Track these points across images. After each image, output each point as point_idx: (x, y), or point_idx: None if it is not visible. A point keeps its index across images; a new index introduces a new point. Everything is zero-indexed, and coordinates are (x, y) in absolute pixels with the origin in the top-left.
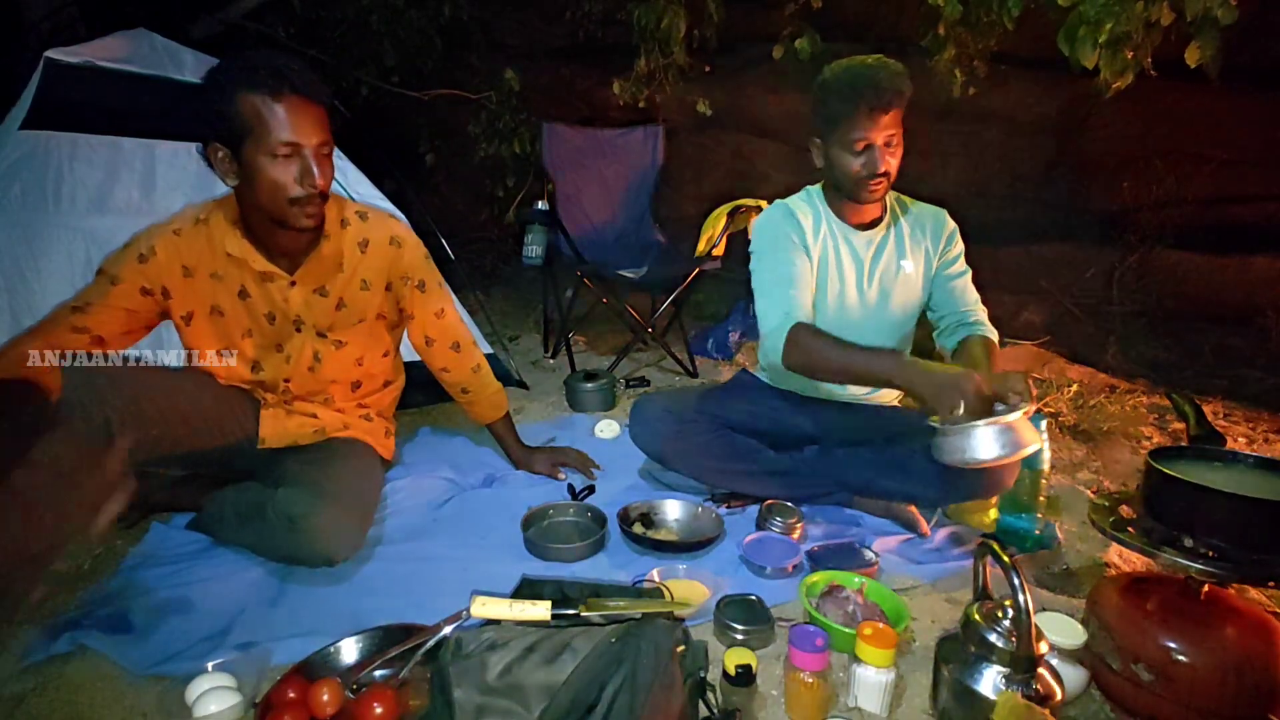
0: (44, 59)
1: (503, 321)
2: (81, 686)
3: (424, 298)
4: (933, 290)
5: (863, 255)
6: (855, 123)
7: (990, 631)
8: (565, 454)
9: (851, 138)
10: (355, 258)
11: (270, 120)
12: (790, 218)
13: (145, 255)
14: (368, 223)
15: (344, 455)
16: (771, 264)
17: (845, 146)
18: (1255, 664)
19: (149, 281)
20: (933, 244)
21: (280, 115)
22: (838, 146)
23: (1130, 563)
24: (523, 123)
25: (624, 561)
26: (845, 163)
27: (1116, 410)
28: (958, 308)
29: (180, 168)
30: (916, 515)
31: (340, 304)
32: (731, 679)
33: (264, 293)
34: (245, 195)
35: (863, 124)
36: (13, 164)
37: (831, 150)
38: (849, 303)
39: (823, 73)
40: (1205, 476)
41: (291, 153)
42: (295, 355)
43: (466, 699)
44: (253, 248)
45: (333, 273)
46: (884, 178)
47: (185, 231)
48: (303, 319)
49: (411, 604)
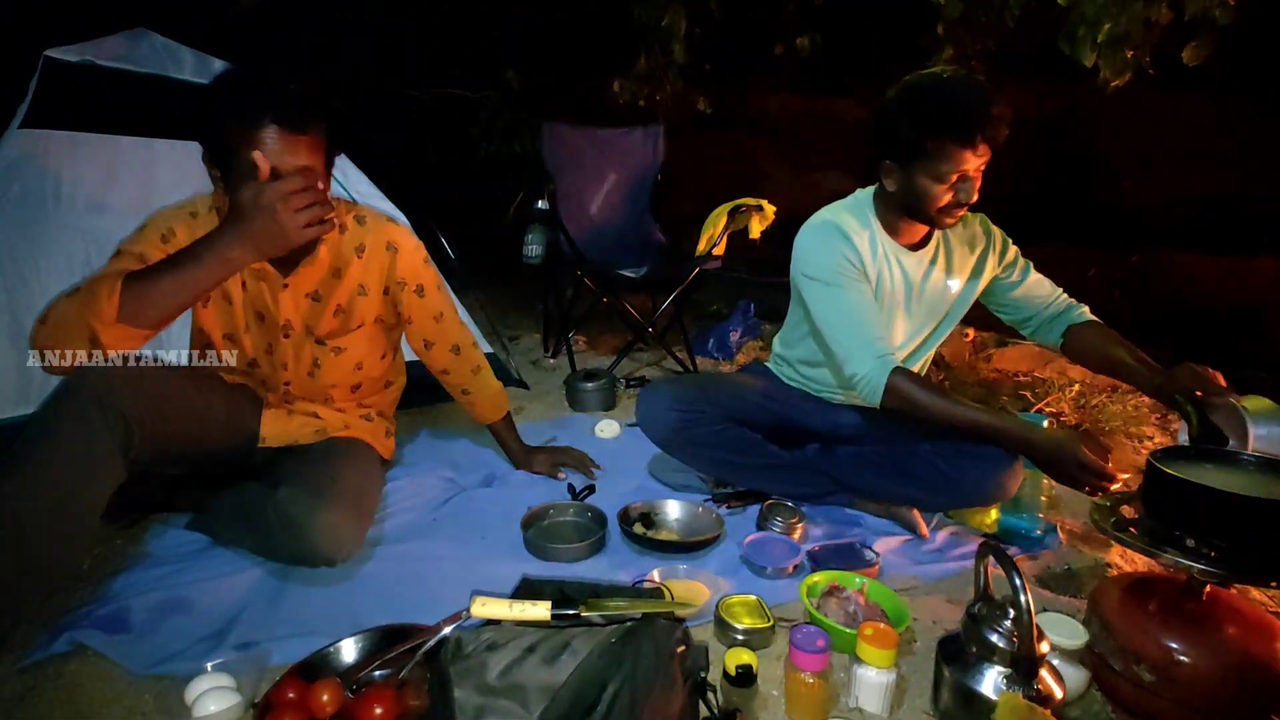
0: (44, 58)
1: (503, 321)
2: (81, 686)
3: (422, 302)
4: (1000, 298)
5: (913, 277)
6: (954, 155)
7: (991, 632)
8: (565, 454)
9: (945, 169)
10: (352, 264)
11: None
12: (846, 241)
13: (166, 236)
14: (365, 227)
15: (344, 455)
16: (840, 300)
17: (936, 176)
18: (1257, 664)
19: None
20: (981, 258)
21: (259, 146)
22: (925, 176)
23: (1132, 563)
24: (523, 122)
25: (624, 561)
26: (932, 192)
27: (1118, 410)
28: (1041, 305)
29: (180, 167)
30: (917, 517)
31: (338, 310)
32: (732, 679)
33: (255, 289)
34: None
35: (964, 156)
36: (12, 163)
37: (917, 179)
38: (895, 324)
39: (905, 89)
40: (1207, 476)
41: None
42: (291, 360)
43: (466, 699)
44: None
45: (328, 279)
46: (962, 211)
47: (201, 216)
48: (291, 325)
49: (411, 604)
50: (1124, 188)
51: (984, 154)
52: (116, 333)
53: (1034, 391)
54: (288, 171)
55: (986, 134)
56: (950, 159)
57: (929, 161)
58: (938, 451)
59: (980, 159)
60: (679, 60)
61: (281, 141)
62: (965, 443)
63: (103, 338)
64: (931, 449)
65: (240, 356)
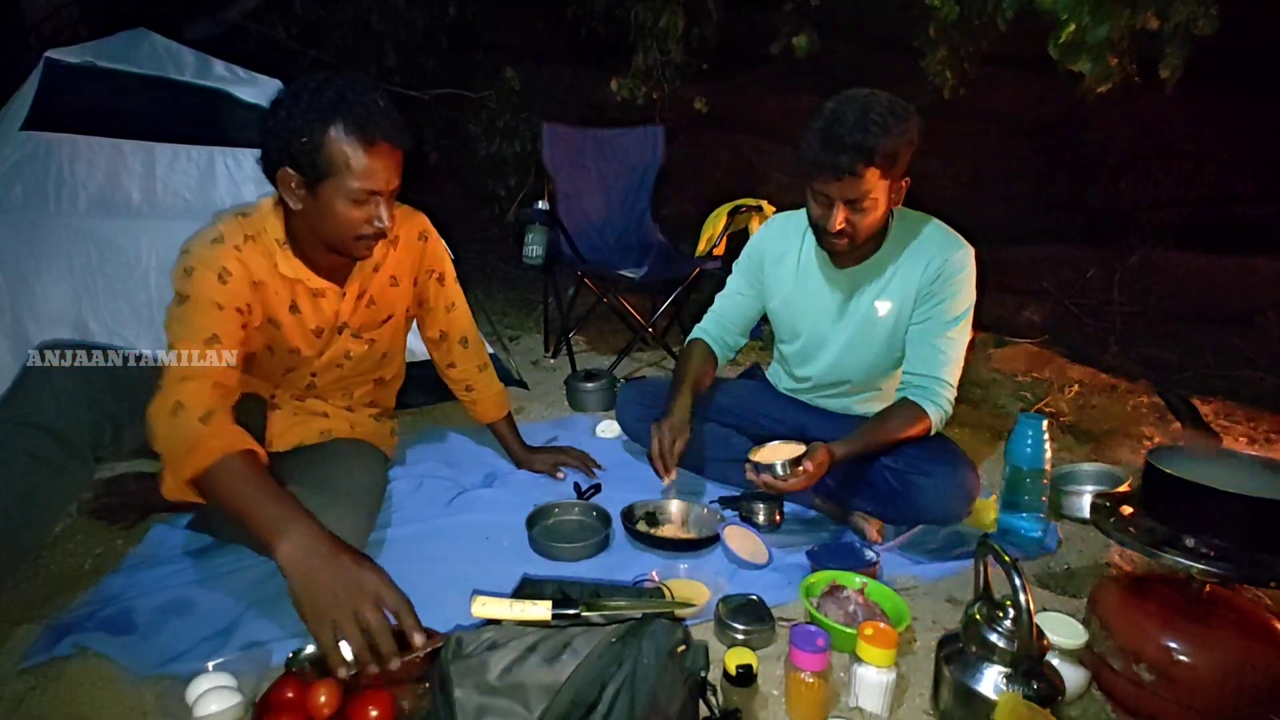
0: (44, 59)
1: (503, 321)
2: (82, 686)
3: (442, 290)
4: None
5: (841, 290)
6: (815, 175)
7: (991, 632)
8: (566, 454)
9: (813, 185)
10: (388, 256)
11: (357, 168)
12: (763, 241)
13: (223, 276)
14: (396, 219)
15: (347, 454)
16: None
17: (811, 191)
18: (1256, 664)
19: (239, 300)
20: (920, 287)
21: (367, 164)
22: (807, 188)
23: (1131, 563)
24: (523, 122)
25: (628, 561)
26: (809, 207)
27: (1117, 410)
28: (912, 365)
29: (180, 170)
30: (871, 525)
31: (370, 302)
32: (732, 679)
33: (315, 307)
34: (306, 220)
35: (824, 181)
36: (14, 165)
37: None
38: (821, 337)
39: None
40: (1206, 476)
41: (369, 198)
42: (328, 355)
43: (467, 699)
44: (305, 267)
45: (370, 274)
46: (843, 238)
47: (244, 248)
48: (348, 324)
49: (414, 603)
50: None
51: (848, 188)
52: (179, 487)
53: (1034, 391)
54: (387, 190)
55: (836, 168)
56: (813, 177)
57: (804, 171)
58: (892, 466)
59: (844, 191)
60: (676, 60)
61: (389, 158)
62: (919, 460)
63: (166, 481)
64: (888, 463)
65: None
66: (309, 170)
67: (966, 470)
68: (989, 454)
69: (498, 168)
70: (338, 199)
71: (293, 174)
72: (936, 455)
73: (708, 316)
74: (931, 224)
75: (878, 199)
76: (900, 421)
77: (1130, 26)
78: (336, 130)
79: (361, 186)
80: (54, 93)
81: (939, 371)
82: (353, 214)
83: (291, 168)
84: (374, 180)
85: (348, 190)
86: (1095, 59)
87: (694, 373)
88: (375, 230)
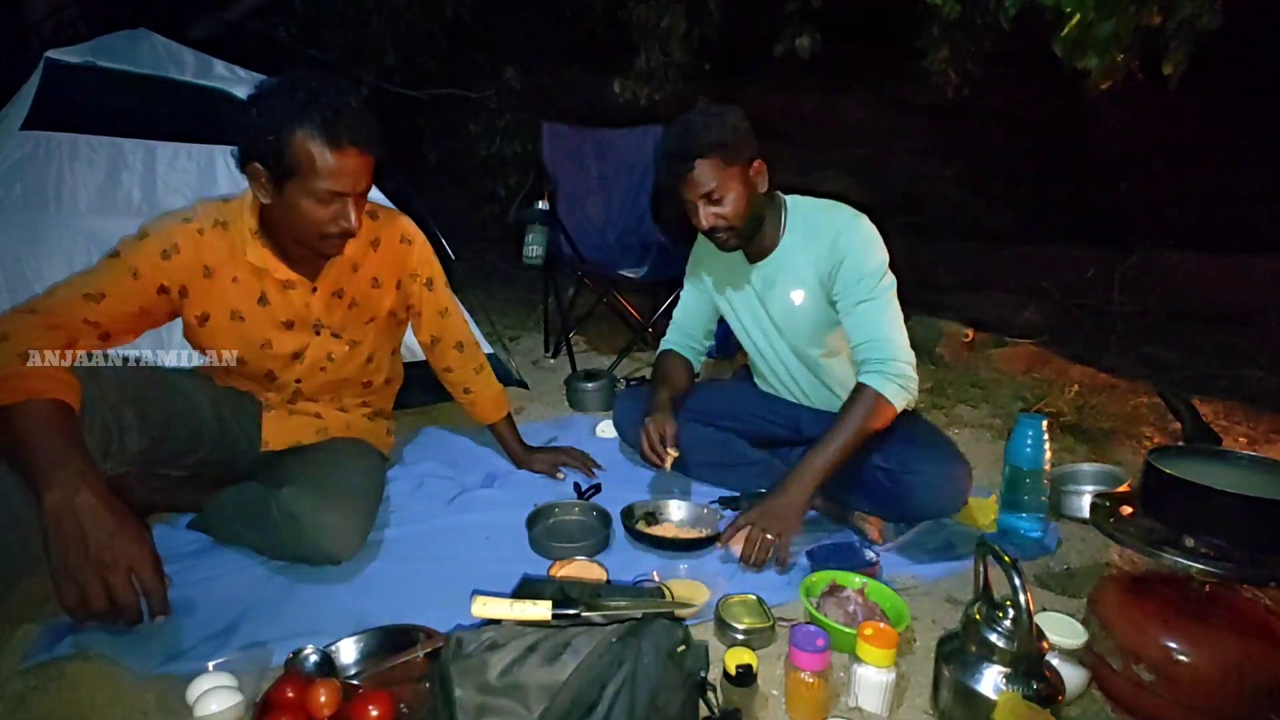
0: (44, 59)
1: (503, 321)
2: (82, 686)
3: (431, 296)
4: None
5: (756, 288)
6: (673, 187)
7: (991, 631)
8: (566, 454)
9: (680, 198)
10: (368, 257)
11: (323, 169)
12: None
13: (169, 252)
14: (378, 221)
15: (346, 454)
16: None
17: (683, 205)
18: (1257, 664)
19: (169, 279)
20: (822, 270)
21: (333, 166)
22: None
23: (1131, 563)
24: (523, 122)
25: (628, 561)
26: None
27: (1117, 410)
28: (853, 337)
29: (180, 169)
30: (871, 525)
31: (352, 303)
32: (732, 679)
33: (285, 300)
34: (275, 216)
35: (679, 189)
36: (14, 164)
37: None
38: (759, 334)
39: None
40: (1205, 476)
41: (334, 199)
42: (309, 357)
43: (467, 699)
44: (275, 258)
45: (349, 274)
46: (721, 231)
47: (208, 232)
48: (323, 322)
49: (413, 604)
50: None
51: (696, 184)
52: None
53: (1033, 391)
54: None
55: (680, 168)
56: (679, 187)
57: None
58: (884, 466)
59: (695, 189)
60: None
61: (356, 161)
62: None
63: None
64: (879, 463)
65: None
66: (275, 167)
67: (957, 464)
68: (989, 454)
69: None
70: (303, 198)
71: (261, 169)
72: (927, 453)
73: (670, 329)
74: (821, 206)
75: (731, 186)
76: (857, 414)
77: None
78: (304, 131)
79: (326, 187)
80: (54, 92)
81: (879, 333)
82: (318, 213)
83: (260, 163)
84: (339, 182)
85: (313, 190)
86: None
87: (668, 374)
88: (341, 229)
